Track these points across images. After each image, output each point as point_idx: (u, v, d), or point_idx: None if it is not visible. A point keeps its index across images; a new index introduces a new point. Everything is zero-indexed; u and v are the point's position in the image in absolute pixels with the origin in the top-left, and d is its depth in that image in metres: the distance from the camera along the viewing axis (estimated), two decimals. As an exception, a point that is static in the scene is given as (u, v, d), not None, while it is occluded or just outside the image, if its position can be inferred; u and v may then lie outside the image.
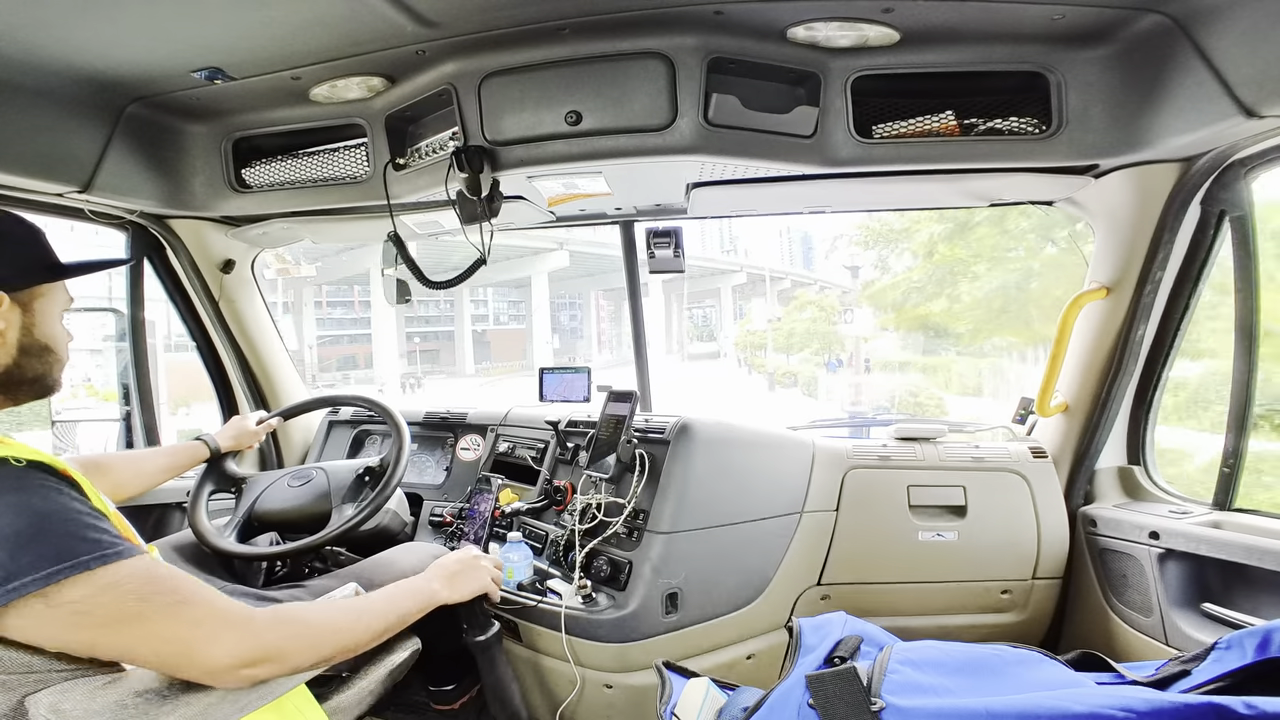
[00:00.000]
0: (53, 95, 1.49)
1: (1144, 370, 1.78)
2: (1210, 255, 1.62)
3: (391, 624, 1.09)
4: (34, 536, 0.77)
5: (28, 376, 0.98)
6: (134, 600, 0.81)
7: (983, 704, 0.76)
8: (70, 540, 0.80)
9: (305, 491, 1.77)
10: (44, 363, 1.00)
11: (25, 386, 0.99)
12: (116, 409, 2.17)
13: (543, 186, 1.68)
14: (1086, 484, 1.88)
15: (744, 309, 35.63)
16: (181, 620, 0.84)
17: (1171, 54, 1.29)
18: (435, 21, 1.32)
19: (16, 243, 0.97)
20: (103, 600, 0.80)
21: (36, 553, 0.77)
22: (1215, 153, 1.45)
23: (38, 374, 0.99)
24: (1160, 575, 1.57)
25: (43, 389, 1.02)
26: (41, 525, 0.79)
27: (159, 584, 0.84)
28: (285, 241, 2.30)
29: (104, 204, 1.81)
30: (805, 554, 1.87)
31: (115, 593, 0.80)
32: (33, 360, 0.98)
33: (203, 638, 0.84)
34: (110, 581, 0.80)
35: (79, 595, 0.78)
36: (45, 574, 0.76)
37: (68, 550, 0.78)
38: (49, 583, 0.76)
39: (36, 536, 0.77)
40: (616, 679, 1.59)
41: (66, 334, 1.05)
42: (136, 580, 0.82)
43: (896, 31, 1.36)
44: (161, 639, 0.83)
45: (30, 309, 0.97)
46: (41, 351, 0.99)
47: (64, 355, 1.04)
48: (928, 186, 1.73)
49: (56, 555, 0.77)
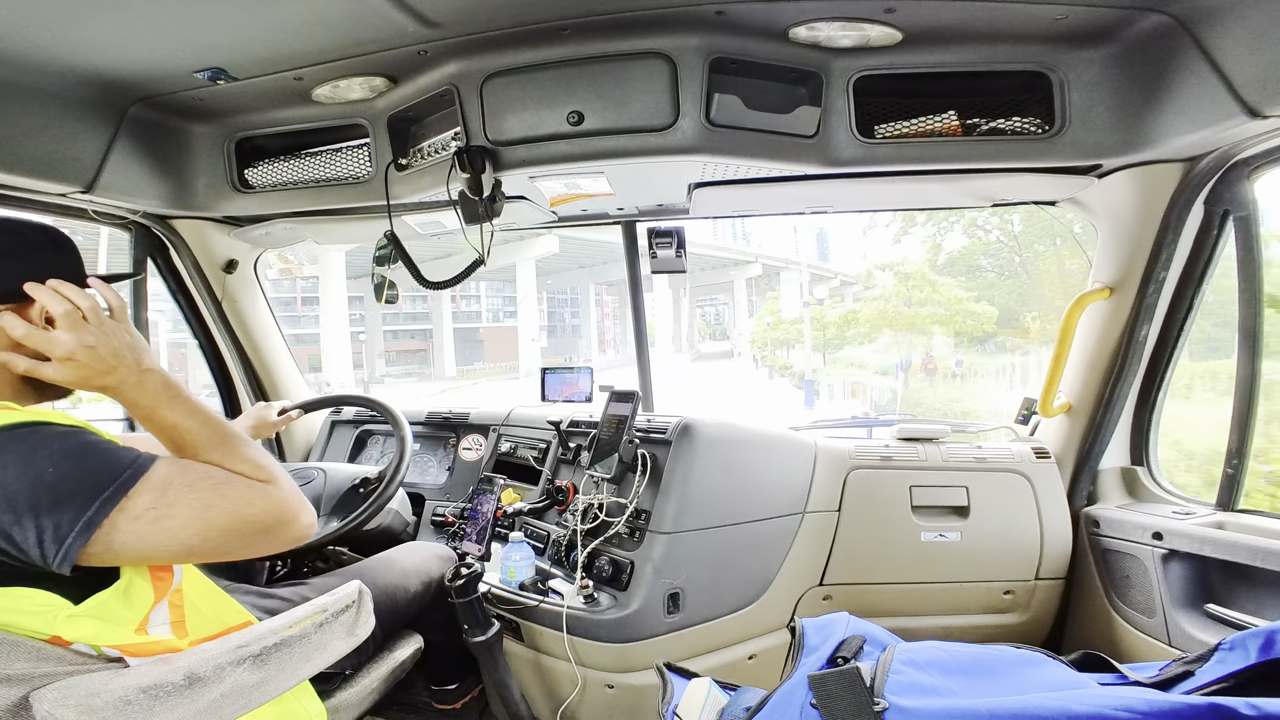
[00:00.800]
0: (56, 96, 1.49)
1: (1147, 370, 1.77)
2: (1214, 255, 1.62)
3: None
4: (85, 465, 0.82)
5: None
6: (189, 492, 0.87)
7: (985, 705, 0.76)
8: (112, 461, 0.84)
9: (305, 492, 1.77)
10: None
11: (51, 387, 1.00)
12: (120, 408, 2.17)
13: (545, 187, 1.68)
14: (1089, 484, 1.88)
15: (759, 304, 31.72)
16: (237, 489, 0.91)
17: (1175, 54, 1.29)
18: (437, 22, 1.32)
19: (51, 254, 0.99)
20: (169, 498, 0.85)
21: (95, 477, 0.81)
22: (1219, 152, 1.44)
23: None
24: (1163, 576, 1.57)
25: (65, 389, 1.03)
26: (86, 454, 0.83)
27: (190, 473, 0.89)
28: (288, 242, 2.30)
29: (107, 204, 1.82)
30: (807, 554, 1.87)
31: (174, 489, 0.86)
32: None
33: (258, 499, 0.91)
34: (161, 481, 0.85)
35: (147, 503, 0.83)
36: (114, 489, 0.81)
37: (115, 468, 0.83)
38: (121, 495, 0.82)
39: (87, 464, 0.82)
40: (618, 679, 1.59)
41: None
42: (176, 474, 0.88)
43: (899, 31, 1.36)
44: (241, 504, 0.90)
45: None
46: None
47: None
48: (930, 187, 1.72)
49: (111, 472, 0.83)
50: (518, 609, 1.67)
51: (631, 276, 2.30)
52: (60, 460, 0.81)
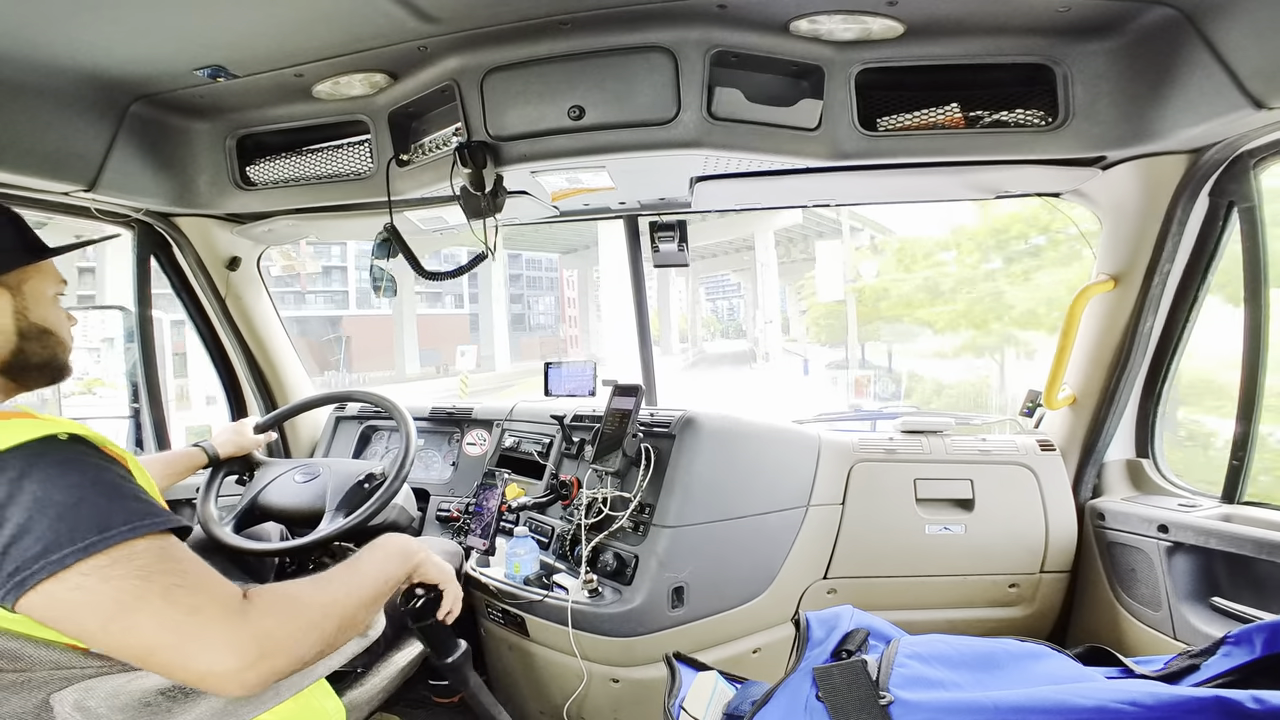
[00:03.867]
0: (57, 94, 1.49)
1: (1152, 362, 1.76)
2: (1219, 247, 1.61)
3: (380, 589, 0.98)
4: (72, 507, 0.75)
5: (33, 362, 0.97)
6: (135, 579, 0.74)
7: (990, 698, 0.76)
8: (105, 512, 0.76)
9: (308, 489, 1.78)
10: (45, 346, 0.99)
11: (33, 372, 0.98)
12: (126, 406, 2.18)
13: (546, 181, 1.68)
14: (1094, 477, 1.87)
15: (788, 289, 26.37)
16: (178, 607, 0.75)
17: (1179, 46, 1.28)
18: (437, 17, 1.32)
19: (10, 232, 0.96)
20: (112, 573, 0.74)
21: (72, 524, 0.74)
22: (1224, 144, 1.43)
23: (43, 359, 0.98)
24: (1169, 569, 1.56)
25: (52, 373, 1.01)
26: (81, 496, 0.76)
27: (169, 563, 0.77)
28: (290, 238, 2.31)
29: (110, 202, 1.82)
30: (811, 548, 1.87)
31: (124, 567, 0.74)
32: (34, 344, 0.97)
33: (196, 628, 0.75)
34: (123, 555, 0.75)
35: (90, 567, 0.73)
36: (81, 546, 0.73)
37: (104, 522, 0.75)
38: (82, 556, 0.72)
39: (75, 506, 0.75)
40: (623, 673, 1.60)
41: (67, 317, 1.03)
42: (149, 556, 0.76)
43: (900, 24, 1.35)
44: (154, 626, 0.74)
45: (20, 292, 0.96)
46: (41, 335, 0.98)
47: (66, 338, 1.03)
48: (933, 179, 1.71)
49: (92, 526, 0.74)
50: (523, 604, 1.67)
51: (634, 271, 2.30)
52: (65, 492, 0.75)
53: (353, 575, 0.96)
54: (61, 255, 1.03)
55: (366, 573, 0.98)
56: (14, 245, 0.96)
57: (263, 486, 1.81)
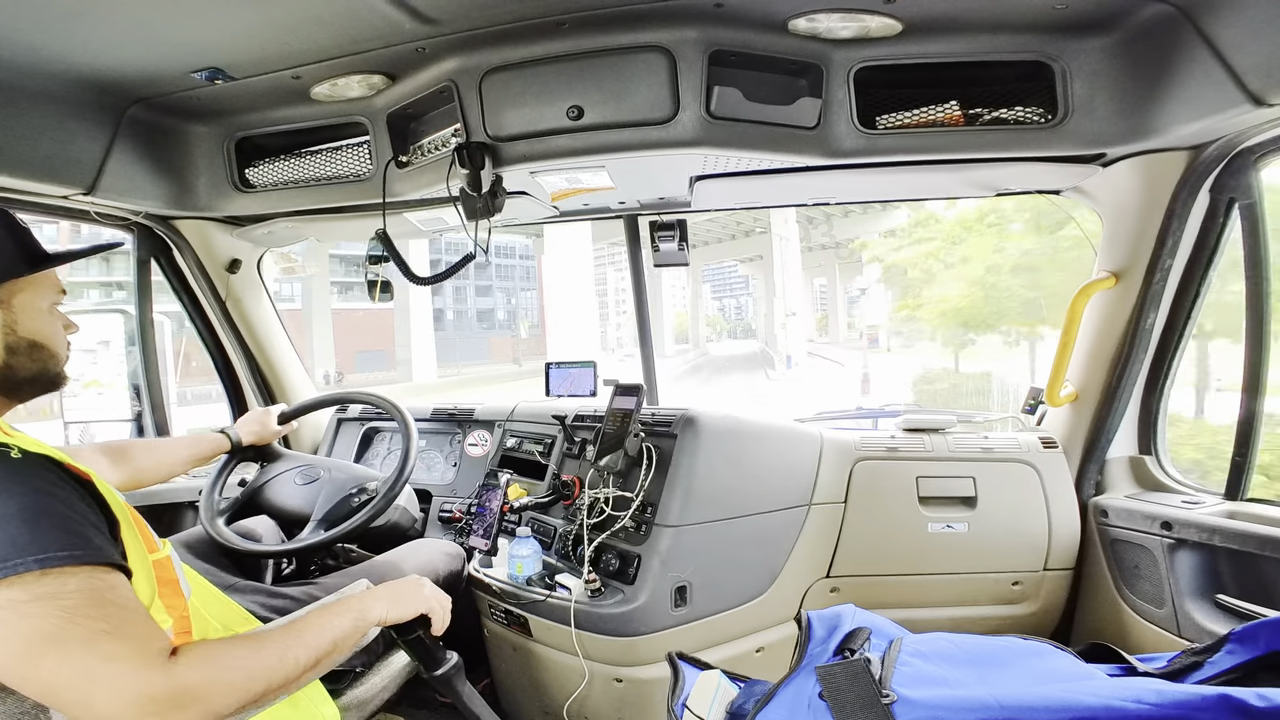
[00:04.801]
0: (54, 98, 1.50)
1: (1154, 359, 1.76)
2: (1220, 243, 1.60)
3: (324, 652, 0.93)
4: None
5: (22, 376, 0.94)
6: (58, 617, 0.71)
7: (993, 696, 0.76)
8: (22, 539, 0.73)
9: (302, 492, 1.79)
10: (36, 360, 0.95)
11: (25, 386, 0.95)
12: (127, 408, 2.19)
13: (545, 181, 1.68)
14: (1097, 474, 1.87)
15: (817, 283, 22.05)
16: (95, 653, 0.72)
17: (1177, 42, 1.28)
18: (434, 18, 1.32)
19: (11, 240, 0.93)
20: (27, 610, 0.70)
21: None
22: (1223, 140, 1.43)
23: (32, 373, 0.95)
24: (1172, 566, 1.56)
25: (43, 386, 0.98)
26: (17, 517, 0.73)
27: (100, 608, 0.74)
28: (290, 240, 2.31)
29: (109, 205, 1.82)
30: (814, 546, 1.87)
31: (45, 604, 0.71)
32: (23, 359, 0.93)
33: (108, 676, 0.72)
34: (48, 592, 0.72)
35: (5, 599, 0.70)
36: None
37: (15, 550, 0.72)
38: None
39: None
40: (626, 673, 1.60)
41: (63, 326, 1.00)
42: (79, 596, 0.73)
43: (898, 22, 1.35)
44: (63, 668, 0.71)
45: (10, 306, 0.92)
46: (30, 349, 0.94)
47: (59, 350, 0.99)
48: (933, 177, 1.71)
49: (2, 554, 0.71)
50: (525, 604, 1.67)
51: (634, 270, 2.30)
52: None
53: (292, 640, 0.91)
54: (62, 265, 1.00)
55: (308, 641, 0.92)
56: (10, 256, 0.93)
57: (266, 480, 1.82)
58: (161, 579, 0.93)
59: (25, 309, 0.94)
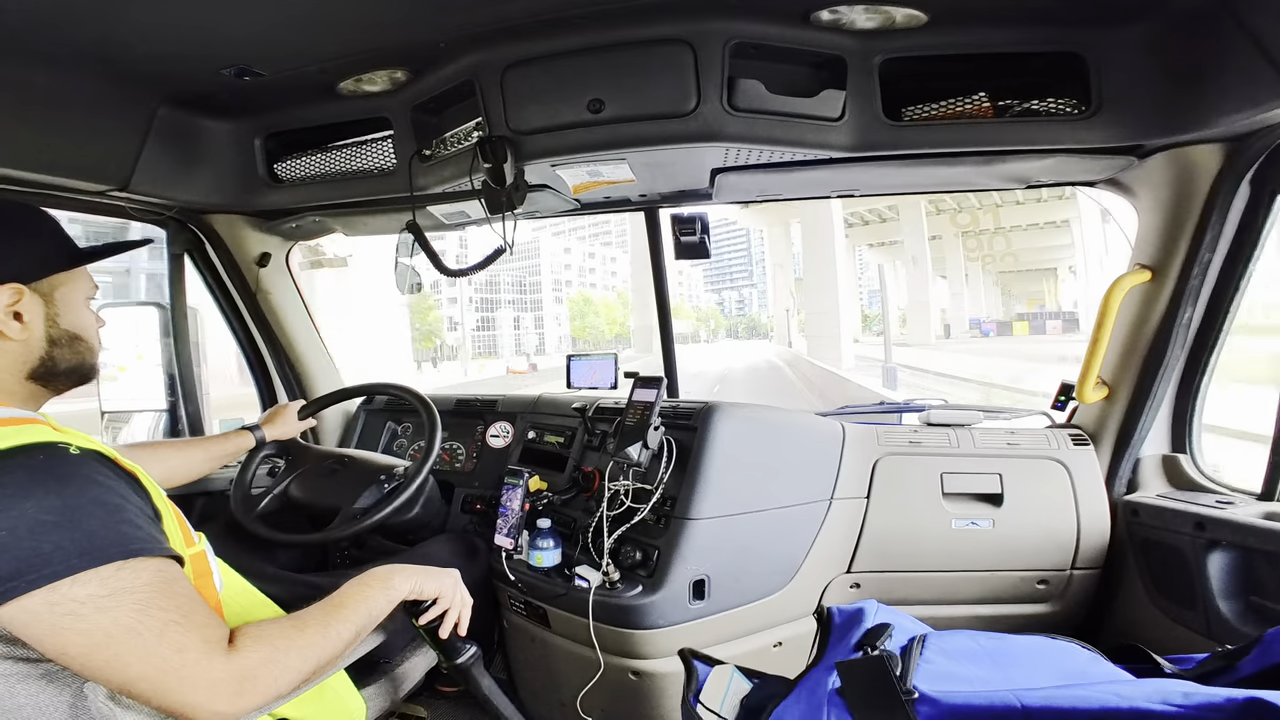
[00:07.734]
0: (89, 96, 1.53)
1: (1190, 355, 1.71)
2: (1261, 236, 1.55)
3: (362, 625, 0.98)
4: (59, 526, 0.74)
5: (61, 368, 0.97)
6: (133, 610, 0.75)
7: (1016, 694, 0.75)
8: (98, 535, 0.76)
9: (332, 483, 1.81)
10: (75, 352, 0.98)
11: (62, 377, 0.98)
12: (163, 399, 2.24)
13: (567, 175, 1.68)
14: (1129, 472, 1.83)
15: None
16: (167, 643, 0.76)
17: (1215, 32, 1.23)
18: (455, 13, 1.33)
19: (29, 235, 0.95)
20: (105, 604, 0.74)
21: (57, 544, 0.73)
22: (1265, 132, 1.38)
23: (71, 364, 0.98)
24: (1205, 567, 1.52)
25: (80, 377, 1.01)
26: (72, 516, 0.75)
27: (169, 598, 0.78)
28: (318, 234, 2.34)
29: (143, 200, 1.87)
30: (835, 541, 1.86)
31: (121, 598, 0.75)
32: (63, 350, 0.97)
33: (180, 666, 0.76)
34: (124, 586, 0.75)
35: (85, 594, 0.73)
36: (62, 567, 0.72)
37: (93, 545, 0.75)
38: (62, 575, 0.72)
39: (62, 526, 0.74)
40: (643, 666, 1.61)
41: (96, 320, 1.03)
42: (151, 589, 0.77)
43: (924, 13, 1.33)
44: (139, 661, 0.75)
45: (52, 299, 0.95)
46: (71, 341, 0.97)
47: (95, 342, 1.03)
48: (961, 169, 1.68)
49: (80, 550, 0.74)
50: (544, 596, 1.69)
51: (655, 263, 2.29)
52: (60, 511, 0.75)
53: (330, 615, 0.95)
54: (98, 261, 1.04)
55: (346, 615, 0.96)
56: (52, 252, 0.97)
57: (292, 477, 1.86)
58: (198, 572, 0.96)
59: (66, 302, 0.97)
